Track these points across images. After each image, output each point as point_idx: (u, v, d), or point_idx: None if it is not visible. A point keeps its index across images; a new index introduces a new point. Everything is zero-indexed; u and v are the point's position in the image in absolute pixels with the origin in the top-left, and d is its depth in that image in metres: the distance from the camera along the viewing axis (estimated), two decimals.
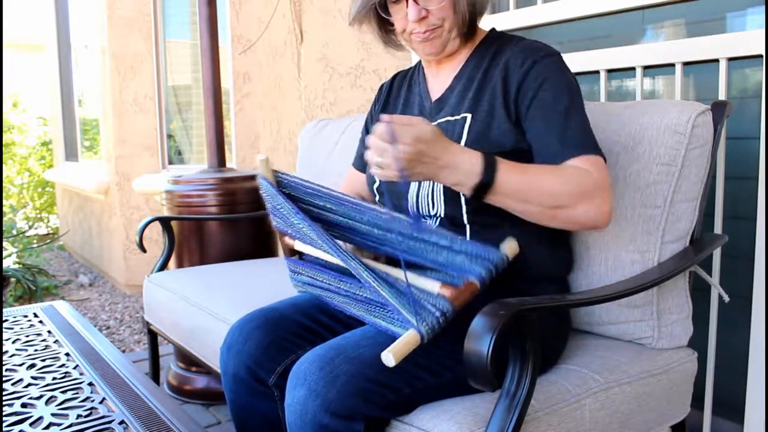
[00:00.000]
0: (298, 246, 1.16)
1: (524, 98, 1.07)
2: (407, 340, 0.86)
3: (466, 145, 1.08)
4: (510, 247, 0.94)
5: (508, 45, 1.14)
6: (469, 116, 1.12)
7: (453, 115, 1.14)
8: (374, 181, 1.23)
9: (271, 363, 1.10)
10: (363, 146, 1.38)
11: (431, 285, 0.93)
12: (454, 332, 0.91)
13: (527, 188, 0.95)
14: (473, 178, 0.93)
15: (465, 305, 0.90)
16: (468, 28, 1.14)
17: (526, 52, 1.10)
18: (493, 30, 1.21)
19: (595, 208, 0.97)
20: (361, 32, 1.27)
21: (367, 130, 1.38)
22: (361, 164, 1.40)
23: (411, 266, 0.97)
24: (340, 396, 0.87)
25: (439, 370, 0.93)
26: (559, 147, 1.03)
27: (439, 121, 1.16)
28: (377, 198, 1.24)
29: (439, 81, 1.21)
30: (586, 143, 1.03)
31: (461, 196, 1.07)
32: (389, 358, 0.84)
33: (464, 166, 0.93)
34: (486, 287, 0.91)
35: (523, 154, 1.07)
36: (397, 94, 1.30)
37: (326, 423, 0.88)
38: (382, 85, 1.37)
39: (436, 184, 1.11)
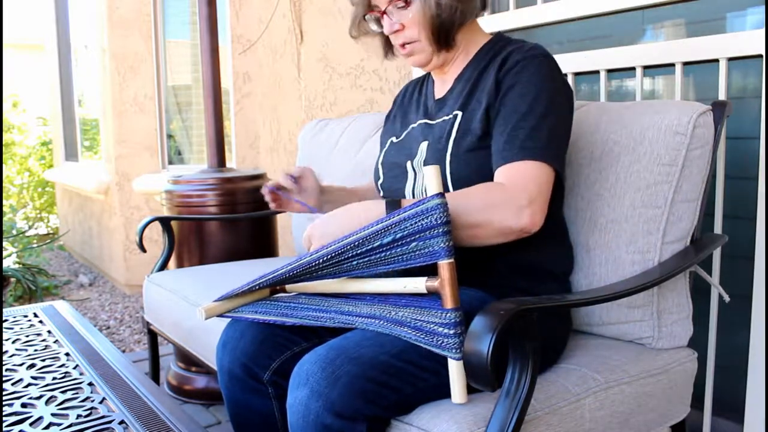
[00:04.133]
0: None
1: (500, 97, 1.08)
2: (456, 373, 0.89)
3: (454, 141, 1.11)
4: (428, 174, 0.89)
5: (506, 47, 1.15)
6: (460, 114, 1.14)
7: (448, 115, 1.17)
8: (379, 178, 1.28)
9: (266, 359, 1.11)
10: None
11: (418, 286, 0.93)
12: None
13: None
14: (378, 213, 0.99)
15: (457, 283, 0.89)
16: (441, 42, 1.15)
17: (517, 53, 1.10)
18: (497, 34, 1.22)
19: (505, 217, 0.96)
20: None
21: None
22: (376, 177, 1.39)
23: (385, 275, 0.98)
24: (342, 396, 0.87)
25: (440, 370, 0.93)
26: (501, 147, 1.04)
27: (437, 121, 1.19)
28: (381, 194, 1.29)
29: (443, 83, 1.25)
30: (530, 147, 1.01)
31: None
32: (459, 400, 0.90)
33: (358, 211, 1.02)
34: (454, 251, 0.89)
35: None
36: (409, 101, 1.35)
37: (329, 423, 0.88)
38: (396, 97, 1.41)
39: None
